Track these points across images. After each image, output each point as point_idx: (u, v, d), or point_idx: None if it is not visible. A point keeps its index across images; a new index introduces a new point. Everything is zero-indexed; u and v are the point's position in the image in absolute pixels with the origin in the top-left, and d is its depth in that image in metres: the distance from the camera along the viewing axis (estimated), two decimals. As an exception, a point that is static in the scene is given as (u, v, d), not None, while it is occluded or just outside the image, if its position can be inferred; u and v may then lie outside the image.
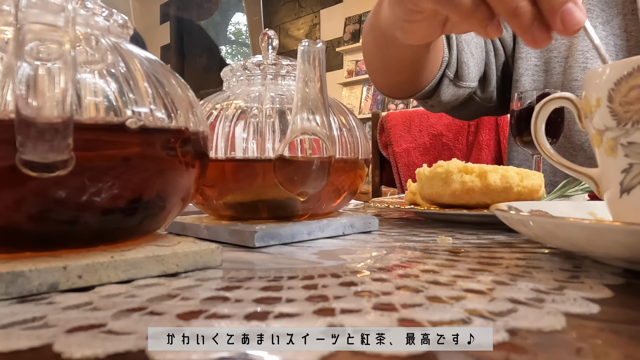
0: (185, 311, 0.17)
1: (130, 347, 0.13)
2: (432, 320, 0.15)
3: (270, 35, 0.37)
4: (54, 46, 0.18)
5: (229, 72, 0.39)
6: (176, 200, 0.25)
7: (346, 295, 0.18)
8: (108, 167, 0.21)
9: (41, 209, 0.20)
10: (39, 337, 0.14)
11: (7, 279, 0.18)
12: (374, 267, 0.24)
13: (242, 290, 0.19)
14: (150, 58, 0.25)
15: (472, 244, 0.31)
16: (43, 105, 0.17)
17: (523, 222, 0.24)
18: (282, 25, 4.13)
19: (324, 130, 0.30)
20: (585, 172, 0.29)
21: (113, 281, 0.21)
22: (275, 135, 0.35)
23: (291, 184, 0.30)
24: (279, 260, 0.27)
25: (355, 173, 0.38)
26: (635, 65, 0.23)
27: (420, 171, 0.47)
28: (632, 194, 0.25)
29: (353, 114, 0.40)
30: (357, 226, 0.38)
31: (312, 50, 0.30)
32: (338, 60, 3.74)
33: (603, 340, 0.14)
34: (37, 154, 0.17)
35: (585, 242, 0.21)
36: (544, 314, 0.16)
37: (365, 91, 3.57)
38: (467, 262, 0.25)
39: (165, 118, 0.23)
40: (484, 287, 0.19)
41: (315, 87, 0.30)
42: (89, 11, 0.23)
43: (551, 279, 0.21)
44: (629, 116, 0.24)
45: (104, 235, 0.23)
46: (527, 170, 0.43)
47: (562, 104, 0.30)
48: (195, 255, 0.24)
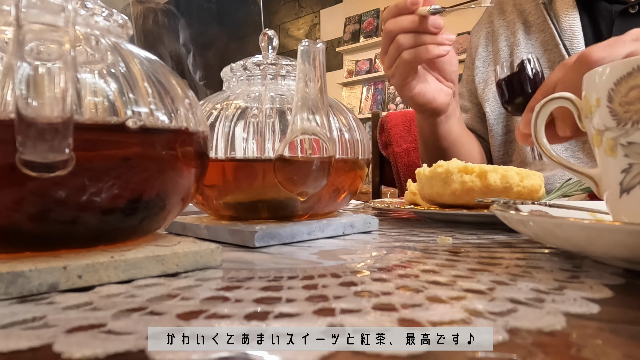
0: (185, 311, 0.17)
1: (130, 347, 0.13)
2: (432, 320, 0.15)
3: (270, 35, 0.37)
4: (54, 46, 0.18)
5: (229, 72, 0.39)
6: (176, 200, 0.25)
7: (346, 295, 0.18)
8: (108, 167, 0.21)
9: (41, 209, 0.20)
10: (39, 337, 0.14)
11: (7, 279, 0.18)
12: (374, 267, 0.24)
13: (242, 290, 0.19)
14: (150, 58, 0.25)
15: (472, 244, 0.31)
16: (43, 105, 0.17)
17: (523, 222, 0.24)
18: (282, 25, 4.12)
19: (324, 130, 0.30)
20: (585, 172, 0.29)
21: (113, 281, 0.21)
22: (275, 135, 0.35)
23: (291, 184, 0.30)
24: (279, 260, 0.27)
25: (355, 173, 0.38)
26: (635, 65, 0.23)
27: (420, 171, 0.47)
28: (632, 194, 0.25)
29: (353, 114, 0.40)
30: (357, 226, 0.38)
31: (312, 50, 0.30)
32: (338, 60, 3.74)
33: (603, 340, 0.14)
34: (37, 154, 0.17)
35: (585, 242, 0.21)
36: (544, 314, 0.16)
37: (365, 91, 3.57)
38: (467, 262, 0.25)
39: (165, 118, 0.23)
40: (484, 287, 0.19)
41: (315, 87, 0.30)
42: (89, 11, 0.23)
43: (551, 279, 0.21)
44: (628, 116, 0.24)
45: (104, 235, 0.23)
46: (527, 170, 0.43)
47: (562, 104, 0.30)
48: (195, 255, 0.24)
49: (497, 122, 0.86)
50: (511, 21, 0.87)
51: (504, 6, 0.90)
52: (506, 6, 0.89)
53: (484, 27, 0.92)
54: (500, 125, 0.86)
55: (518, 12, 0.86)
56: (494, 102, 0.85)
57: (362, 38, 3.55)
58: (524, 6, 0.85)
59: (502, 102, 0.61)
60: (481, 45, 0.91)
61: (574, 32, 0.76)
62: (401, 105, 3.32)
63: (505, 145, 0.86)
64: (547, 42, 0.80)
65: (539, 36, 0.81)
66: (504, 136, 0.86)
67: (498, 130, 0.86)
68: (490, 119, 0.86)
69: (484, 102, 0.87)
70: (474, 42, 0.93)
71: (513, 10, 0.87)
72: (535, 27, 0.82)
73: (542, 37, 0.81)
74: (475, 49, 0.92)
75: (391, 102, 3.41)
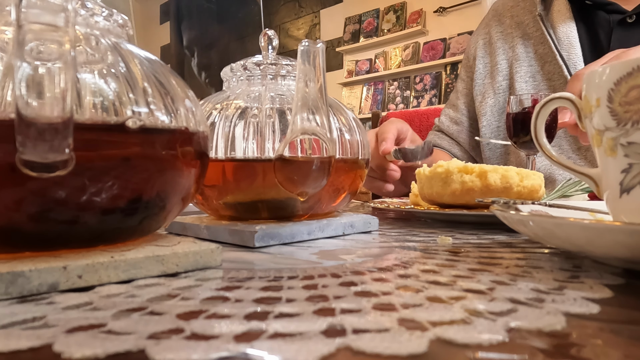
0: (185, 311, 0.17)
1: (130, 347, 0.13)
2: (432, 320, 0.15)
3: (270, 35, 0.37)
4: (54, 46, 0.18)
5: (229, 72, 0.39)
6: (176, 200, 0.25)
7: (346, 295, 0.18)
8: (108, 167, 0.21)
9: (41, 209, 0.20)
10: (39, 337, 0.14)
11: (7, 279, 0.18)
12: (374, 267, 0.24)
13: (242, 290, 0.19)
14: (150, 58, 0.25)
15: (472, 244, 0.31)
16: (43, 105, 0.17)
17: (523, 222, 0.24)
18: (282, 25, 4.12)
19: (324, 130, 0.30)
20: (585, 172, 0.29)
21: (113, 281, 0.21)
22: (275, 135, 0.35)
23: (291, 184, 0.30)
24: (279, 260, 0.27)
25: (355, 173, 0.38)
26: (635, 66, 0.23)
27: (420, 171, 0.47)
28: (632, 194, 0.25)
29: (353, 114, 0.40)
30: (357, 226, 0.38)
31: (312, 50, 0.30)
32: (338, 60, 3.74)
33: (603, 340, 0.14)
34: (37, 154, 0.17)
35: (585, 242, 0.21)
36: (544, 314, 0.16)
37: (365, 91, 3.57)
38: (467, 262, 0.25)
39: (165, 118, 0.23)
40: (484, 287, 0.19)
41: (315, 87, 0.30)
42: (89, 11, 0.23)
43: (551, 279, 0.21)
44: (628, 116, 0.24)
45: (104, 235, 0.23)
46: (527, 170, 0.43)
47: (562, 104, 0.30)
48: (195, 255, 0.24)
49: (495, 135, 0.87)
50: (509, 34, 0.87)
51: (502, 18, 0.90)
52: (504, 18, 0.89)
53: (480, 38, 0.93)
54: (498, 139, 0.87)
55: (516, 24, 0.86)
56: (490, 117, 0.86)
57: (362, 38, 3.55)
58: (522, 18, 0.86)
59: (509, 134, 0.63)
60: (479, 56, 0.91)
61: (571, 43, 0.77)
62: (401, 105, 3.33)
63: (503, 157, 0.87)
64: (546, 54, 0.80)
65: (538, 49, 0.82)
66: (501, 148, 0.87)
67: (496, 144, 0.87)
68: (487, 133, 0.87)
69: (481, 116, 0.87)
70: (471, 52, 0.94)
71: (511, 23, 0.87)
72: (535, 40, 0.82)
73: (541, 49, 0.81)
74: (472, 60, 0.92)
75: (391, 102, 3.41)
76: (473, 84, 0.90)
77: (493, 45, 0.89)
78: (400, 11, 3.36)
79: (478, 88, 0.90)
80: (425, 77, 3.23)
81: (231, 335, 0.14)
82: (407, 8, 3.35)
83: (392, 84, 3.43)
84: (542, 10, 0.80)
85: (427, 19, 3.25)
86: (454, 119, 0.94)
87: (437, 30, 3.19)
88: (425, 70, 3.23)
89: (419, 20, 3.24)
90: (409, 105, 3.27)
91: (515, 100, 0.62)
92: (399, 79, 3.40)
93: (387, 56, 3.45)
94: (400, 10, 3.36)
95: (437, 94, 3.13)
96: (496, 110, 0.86)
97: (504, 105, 0.85)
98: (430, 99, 3.17)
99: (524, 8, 0.86)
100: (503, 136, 0.85)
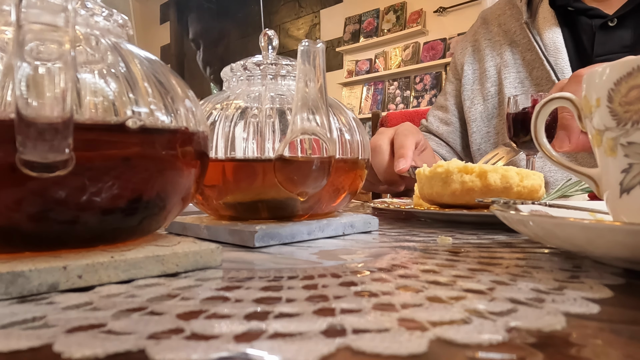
0: (185, 311, 0.17)
1: (130, 347, 0.13)
2: (432, 320, 0.15)
3: (270, 35, 0.37)
4: (54, 46, 0.18)
5: (229, 72, 0.39)
6: (176, 200, 0.25)
7: (346, 295, 0.18)
8: (108, 167, 0.21)
9: (41, 209, 0.20)
10: (39, 337, 0.14)
11: (7, 279, 0.18)
12: (374, 267, 0.24)
13: (242, 290, 0.19)
14: (150, 58, 0.25)
15: (472, 244, 0.31)
16: (43, 105, 0.17)
17: (523, 222, 0.24)
18: (282, 25, 4.12)
19: (324, 131, 0.30)
20: (585, 172, 0.29)
21: (113, 281, 0.21)
22: (275, 135, 0.35)
23: (291, 184, 0.30)
24: (279, 260, 0.27)
25: (355, 173, 0.38)
26: (635, 65, 0.23)
27: (420, 171, 0.47)
28: (632, 194, 0.25)
29: (353, 114, 0.40)
30: (357, 226, 0.38)
31: (312, 50, 0.30)
32: (338, 60, 3.74)
33: (603, 340, 0.14)
34: (37, 154, 0.17)
35: (585, 242, 0.21)
36: (544, 314, 0.16)
37: (365, 91, 3.57)
38: (467, 262, 0.25)
39: (166, 118, 0.23)
40: (484, 287, 0.19)
41: (315, 87, 0.30)
42: (89, 11, 0.23)
43: (551, 279, 0.21)
44: (628, 116, 0.24)
45: (104, 235, 0.23)
46: (527, 170, 0.43)
47: (562, 104, 0.30)
48: (195, 255, 0.24)
49: (485, 141, 0.88)
50: (497, 42, 0.88)
51: (489, 25, 0.91)
52: (491, 26, 0.90)
53: (469, 45, 0.93)
54: (489, 144, 0.88)
55: (503, 32, 0.87)
56: (480, 122, 0.87)
57: (362, 38, 3.55)
58: (509, 26, 0.87)
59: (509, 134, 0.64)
60: (467, 62, 0.92)
61: (558, 48, 0.78)
62: (401, 105, 3.33)
63: None
64: (533, 60, 0.81)
65: (525, 55, 0.83)
66: None
67: (487, 149, 0.88)
68: (477, 139, 0.87)
69: (470, 122, 0.88)
70: (459, 58, 0.94)
71: (499, 30, 0.88)
72: (522, 47, 0.83)
73: (528, 55, 0.82)
74: (460, 66, 0.93)
75: (391, 102, 3.41)
76: (462, 88, 0.91)
77: (481, 52, 0.90)
78: (400, 11, 3.36)
79: (467, 93, 0.91)
80: (425, 77, 3.23)
81: (231, 335, 0.14)
82: (407, 8, 3.35)
83: (392, 84, 3.43)
84: (528, 17, 0.82)
85: (427, 19, 3.25)
86: (443, 120, 0.94)
87: (437, 30, 3.20)
88: (425, 70, 3.24)
89: (419, 20, 3.24)
90: (409, 105, 3.27)
91: (515, 100, 0.62)
92: (399, 79, 3.40)
93: (387, 56, 3.45)
94: (400, 10, 3.36)
95: (437, 94, 3.14)
96: (485, 116, 0.87)
97: (492, 111, 0.86)
98: (430, 99, 3.17)
99: (510, 16, 0.87)
100: (493, 141, 0.86)
